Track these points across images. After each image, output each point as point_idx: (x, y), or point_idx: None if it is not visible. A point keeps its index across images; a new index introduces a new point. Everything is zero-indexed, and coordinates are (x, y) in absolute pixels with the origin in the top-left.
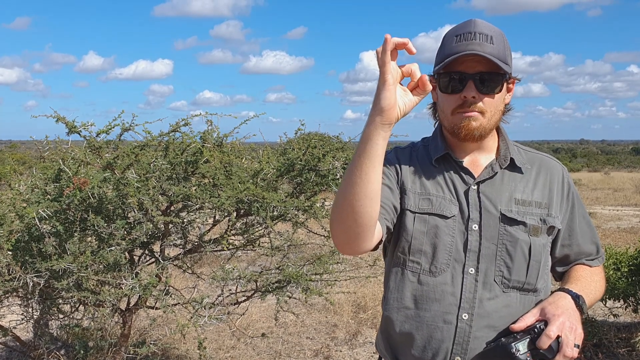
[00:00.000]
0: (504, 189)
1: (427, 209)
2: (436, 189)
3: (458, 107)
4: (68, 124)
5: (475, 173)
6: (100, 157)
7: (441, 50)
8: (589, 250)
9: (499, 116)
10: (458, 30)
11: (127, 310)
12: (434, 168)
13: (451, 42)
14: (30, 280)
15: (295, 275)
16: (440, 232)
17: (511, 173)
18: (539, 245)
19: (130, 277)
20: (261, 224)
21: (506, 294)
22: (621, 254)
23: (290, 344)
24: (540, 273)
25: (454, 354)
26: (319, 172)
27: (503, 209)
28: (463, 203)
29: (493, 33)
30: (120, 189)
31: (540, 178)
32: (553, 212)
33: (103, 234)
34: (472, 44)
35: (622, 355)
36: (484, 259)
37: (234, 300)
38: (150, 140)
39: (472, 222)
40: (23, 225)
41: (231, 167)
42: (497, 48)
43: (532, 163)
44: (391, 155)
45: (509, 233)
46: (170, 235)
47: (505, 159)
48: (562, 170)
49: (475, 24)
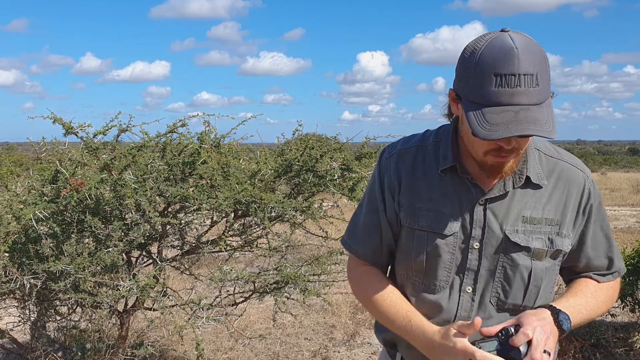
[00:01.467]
0: (514, 205)
1: (425, 226)
2: (438, 202)
3: (493, 150)
4: (65, 125)
5: (485, 186)
6: (98, 158)
7: (475, 80)
8: (600, 264)
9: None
10: (499, 65)
11: (125, 311)
12: (440, 178)
13: (490, 81)
14: (28, 282)
15: (293, 276)
16: (439, 250)
17: (523, 190)
18: (540, 270)
19: (127, 279)
20: (259, 225)
21: (500, 315)
22: None
23: (288, 345)
24: (540, 295)
25: None
26: (316, 173)
27: (508, 229)
28: (467, 220)
29: (537, 67)
30: (117, 190)
31: (556, 192)
32: (564, 230)
33: (100, 235)
34: (517, 95)
35: (620, 354)
36: (482, 279)
37: (232, 302)
38: (147, 141)
39: (473, 240)
40: (20, 227)
41: (229, 168)
42: (543, 88)
43: (550, 173)
44: (392, 169)
45: (511, 258)
46: (168, 237)
47: (520, 176)
48: (584, 181)
49: (519, 60)
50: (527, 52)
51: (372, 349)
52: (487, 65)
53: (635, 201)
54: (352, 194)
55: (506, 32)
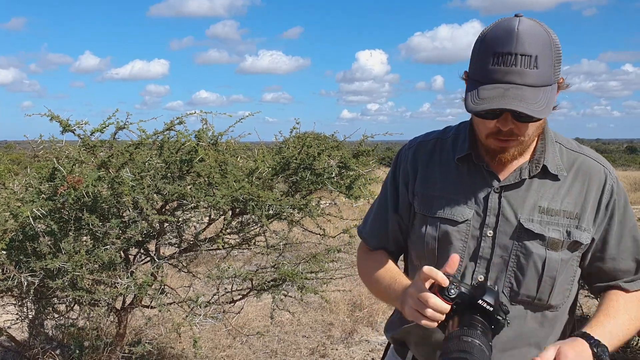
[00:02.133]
0: (530, 195)
1: (439, 213)
2: (453, 190)
3: (492, 132)
4: (62, 123)
5: (502, 175)
6: (95, 156)
7: (477, 59)
8: (627, 267)
9: (540, 130)
10: (498, 44)
11: (123, 309)
12: (456, 167)
13: (488, 58)
14: (25, 280)
15: (291, 274)
16: (451, 237)
17: (542, 180)
18: (555, 261)
19: (125, 277)
20: (257, 223)
21: (514, 307)
22: None
23: (287, 342)
24: (556, 289)
25: None
26: (314, 171)
27: (523, 218)
28: (481, 207)
29: (539, 49)
30: (114, 188)
31: (576, 184)
32: (584, 224)
33: (98, 232)
34: (511, 74)
35: (617, 352)
36: (494, 268)
37: (230, 299)
38: (144, 139)
39: (487, 228)
40: (17, 225)
41: (226, 166)
42: (542, 72)
43: (570, 166)
44: (410, 158)
45: (524, 245)
46: (166, 234)
47: (537, 164)
48: (606, 175)
49: (518, 39)
50: (529, 34)
51: (370, 347)
52: (489, 44)
53: (633, 199)
54: (350, 191)
55: (519, 17)
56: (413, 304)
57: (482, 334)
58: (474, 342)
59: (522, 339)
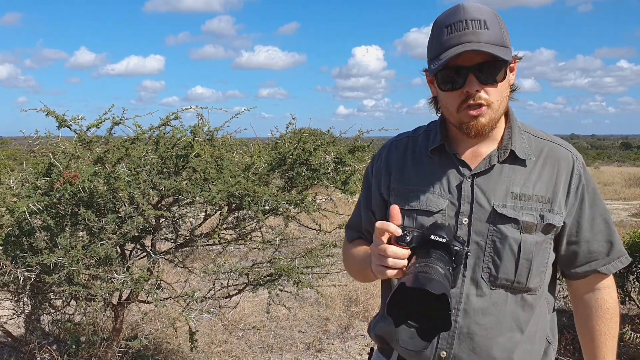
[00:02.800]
0: (502, 181)
1: (414, 205)
2: (427, 182)
3: (462, 102)
4: (58, 118)
5: (473, 164)
6: (91, 151)
7: (433, 43)
8: (600, 249)
9: (506, 102)
10: (447, 19)
11: (119, 304)
12: (430, 159)
13: (442, 34)
14: (21, 275)
15: (287, 269)
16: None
17: (512, 165)
18: (530, 243)
19: (121, 272)
20: (252, 218)
21: (494, 292)
22: None
23: (282, 337)
24: (533, 272)
25: (439, 349)
26: (310, 166)
27: (497, 203)
28: (455, 196)
29: (486, 16)
30: (110, 183)
31: (546, 170)
32: (556, 207)
33: (94, 228)
34: (465, 35)
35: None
36: (472, 255)
37: (226, 294)
38: (140, 134)
39: (462, 216)
40: (13, 220)
41: (222, 161)
42: (493, 32)
43: (539, 153)
44: (384, 157)
45: (498, 229)
46: (162, 230)
47: (505, 150)
48: (574, 161)
49: (464, 9)
50: (474, 6)
51: (366, 341)
52: (439, 24)
53: (628, 195)
54: (345, 187)
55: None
56: (375, 259)
57: (437, 259)
58: (429, 265)
59: (505, 323)
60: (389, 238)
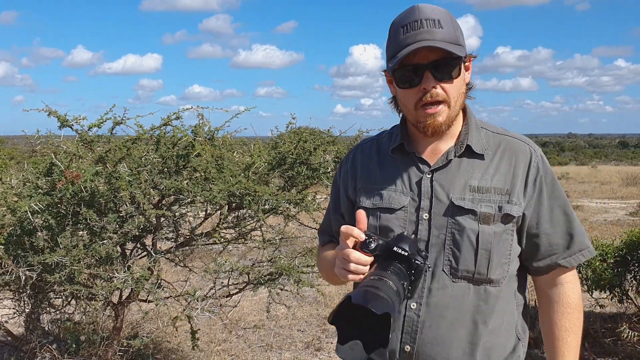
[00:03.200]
0: (460, 175)
1: (378, 204)
2: (390, 181)
3: (419, 100)
4: (60, 118)
5: (432, 161)
6: (92, 151)
7: (390, 43)
8: (560, 241)
9: (462, 99)
10: (403, 20)
11: (120, 303)
12: (392, 159)
13: (399, 34)
14: (23, 274)
15: (287, 267)
16: (390, 224)
17: (470, 159)
18: (488, 234)
19: (122, 271)
20: (252, 217)
21: (456, 284)
22: (607, 245)
23: (282, 336)
24: (494, 263)
25: (403, 343)
26: (310, 166)
27: (455, 197)
28: (415, 192)
29: (440, 16)
30: (112, 183)
31: (504, 163)
32: (514, 198)
33: (95, 227)
34: (420, 34)
35: (608, 344)
36: (433, 248)
37: (226, 293)
38: (142, 134)
39: (422, 211)
40: (15, 219)
41: (222, 161)
42: (447, 31)
43: (496, 147)
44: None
45: (457, 222)
46: (162, 229)
47: (461, 145)
48: (531, 154)
49: (419, 10)
50: (429, 7)
51: None
52: (396, 25)
53: (625, 194)
54: None
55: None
56: (339, 262)
57: (393, 273)
58: (382, 279)
59: (467, 316)
60: (355, 243)
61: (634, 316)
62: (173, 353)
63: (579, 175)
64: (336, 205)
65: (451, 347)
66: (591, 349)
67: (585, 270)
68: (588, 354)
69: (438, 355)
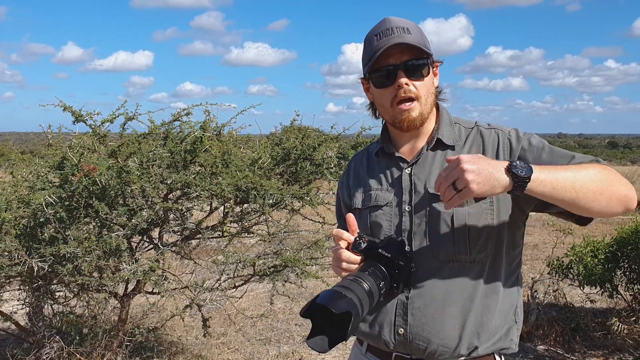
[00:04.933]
0: (435, 167)
1: (367, 203)
2: (376, 182)
3: (394, 97)
4: (75, 113)
5: (409, 157)
6: (105, 146)
7: (365, 52)
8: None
9: (432, 98)
10: (376, 30)
11: (125, 295)
12: (377, 162)
13: (373, 42)
14: (36, 265)
15: (293, 259)
16: (379, 220)
17: (443, 152)
18: (462, 214)
19: (131, 262)
20: (257, 211)
21: (441, 267)
22: (598, 242)
23: (280, 330)
24: (472, 242)
25: (396, 326)
26: (313, 161)
27: (430, 186)
28: (397, 188)
29: (409, 25)
30: (122, 177)
31: (473, 150)
32: None
33: (106, 220)
34: (392, 38)
35: (598, 338)
36: (416, 236)
37: (232, 284)
38: (153, 129)
39: (405, 204)
40: (30, 211)
41: (229, 156)
42: (416, 37)
43: (466, 138)
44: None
45: (434, 208)
46: (169, 222)
47: (433, 140)
48: (499, 135)
49: (390, 20)
50: (398, 19)
51: None
52: (370, 35)
53: None
54: None
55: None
56: (333, 260)
57: (371, 274)
58: (357, 280)
59: (455, 294)
60: (348, 243)
61: (624, 311)
62: (174, 346)
63: None
64: (339, 213)
65: (442, 325)
66: (582, 343)
67: (577, 266)
68: (579, 347)
69: (430, 334)
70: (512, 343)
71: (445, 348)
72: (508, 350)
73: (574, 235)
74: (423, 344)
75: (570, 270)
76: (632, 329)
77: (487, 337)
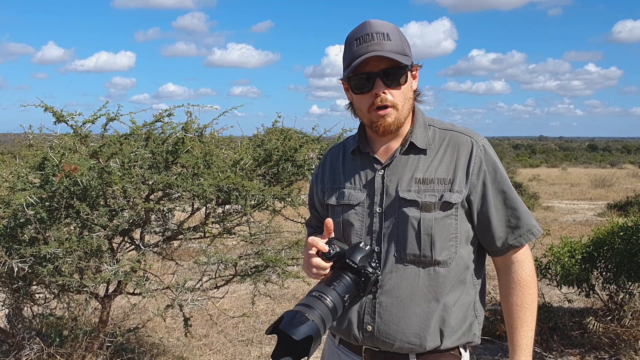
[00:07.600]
0: (407, 170)
1: (341, 201)
2: (349, 180)
3: (371, 104)
4: (56, 114)
5: (383, 159)
6: (86, 146)
7: (346, 55)
8: (507, 223)
9: (410, 103)
10: (356, 33)
11: (106, 296)
12: (353, 160)
13: (352, 46)
14: (16, 266)
15: (274, 260)
16: (351, 219)
17: (416, 155)
18: (428, 220)
19: (112, 263)
20: (238, 212)
21: (406, 267)
22: (575, 242)
23: (261, 331)
24: (438, 246)
25: (365, 323)
26: (295, 163)
27: (401, 189)
28: (370, 189)
29: (389, 30)
30: (104, 177)
31: (447, 155)
32: (456, 187)
33: (87, 220)
34: (371, 45)
35: (575, 337)
36: (385, 238)
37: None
38: (135, 130)
39: (376, 206)
40: (10, 212)
41: (211, 157)
42: (395, 43)
43: (441, 141)
44: (322, 164)
45: (402, 212)
46: (151, 223)
47: (406, 143)
48: (472, 144)
49: (370, 24)
50: (379, 22)
51: None
52: (350, 38)
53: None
54: None
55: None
56: (304, 263)
57: (336, 287)
58: (321, 296)
59: (419, 294)
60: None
61: (600, 310)
62: (155, 347)
63: (550, 177)
64: (311, 203)
65: (407, 324)
66: (559, 341)
67: (555, 266)
68: (557, 346)
69: (396, 332)
70: (475, 337)
71: (411, 345)
72: (471, 343)
73: (552, 236)
74: (390, 341)
75: (549, 270)
76: (607, 327)
77: (450, 332)
